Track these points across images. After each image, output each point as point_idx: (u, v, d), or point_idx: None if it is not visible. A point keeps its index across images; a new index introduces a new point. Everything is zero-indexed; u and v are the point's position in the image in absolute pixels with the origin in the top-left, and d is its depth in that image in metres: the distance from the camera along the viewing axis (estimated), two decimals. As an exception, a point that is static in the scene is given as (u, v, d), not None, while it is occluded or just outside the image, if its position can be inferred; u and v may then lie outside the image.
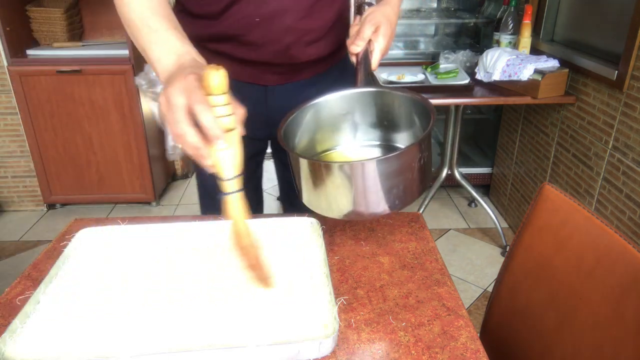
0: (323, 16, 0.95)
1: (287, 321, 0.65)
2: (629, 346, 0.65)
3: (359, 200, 0.72)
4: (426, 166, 0.75)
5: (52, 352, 0.61)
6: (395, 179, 0.71)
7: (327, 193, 0.74)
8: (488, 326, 0.97)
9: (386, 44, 0.85)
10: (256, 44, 0.93)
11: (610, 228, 0.71)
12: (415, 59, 2.53)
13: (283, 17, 0.90)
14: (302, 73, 1.02)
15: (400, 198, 0.73)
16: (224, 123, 0.61)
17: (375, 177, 0.70)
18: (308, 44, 0.95)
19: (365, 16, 0.86)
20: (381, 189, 0.71)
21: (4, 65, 2.24)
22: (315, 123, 0.87)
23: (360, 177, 0.70)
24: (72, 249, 0.81)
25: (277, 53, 0.94)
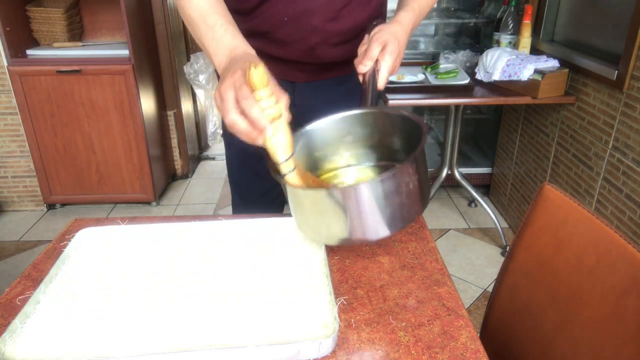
0: (352, 19, 0.95)
1: (287, 321, 0.65)
2: (629, 346, 0.65)
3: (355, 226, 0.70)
4: (422, 185, 0.73)
5: (52, 352, 0.61)
6: (390, 200, 0.69)
7: (319, 220, 0.72)
8: (488, 326, 0.97)
9: (394, 63, 0.84)
10: (284, 41, 0.95)
11: (610, 228, 0.71)
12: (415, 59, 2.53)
13: (310, 18, 0.91)
14: (329, 72, 1.03)
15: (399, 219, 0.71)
16: (269, 113, 0.68)
17: (370, 200, 0.68)
18: (334, 45, 0.96)
19: (372, 35, 0.86)
20: (377, 212, 0.69)
21: (4, 65, 2.24)
22: (308, 149, 0.86)
23: (354, 201, 0.68)
24: (72, 249, 0.81)
25: (303, 52, 0.96)
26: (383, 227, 0.71)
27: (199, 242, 0.84)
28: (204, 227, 0.87)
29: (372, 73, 0.84)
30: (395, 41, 0.84)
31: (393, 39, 0.84)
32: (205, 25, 0.80)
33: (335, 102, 1.05)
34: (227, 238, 0.85)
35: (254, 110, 0.66)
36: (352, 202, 0.68)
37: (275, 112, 0.68)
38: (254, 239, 0.85)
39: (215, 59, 0.79)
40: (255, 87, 0.67)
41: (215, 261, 0.79)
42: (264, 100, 0.67)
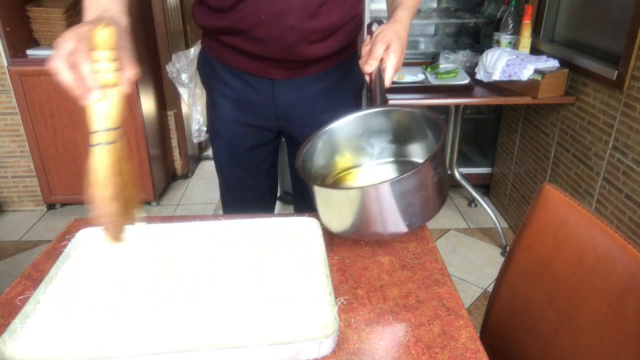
0: (329, 18, 0.97)
1: (287, 321, 0.65)
2: (629, 346, 0.65)
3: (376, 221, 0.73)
4: (442, 182, 0.75)
5: (52, 352, 0.61)
6: (411, 198, 0.72)
7: (346, 217, 0.75)
8: (488, 326, 0.97)
9: (398, 61, 0.86)
10: (262, 39, 0.96)
11: (610, 228, 0.71)
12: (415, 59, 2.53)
13: (287, 17, 0.93)
14: (308, 69, 1.05)
15: (418, 216, 0.74)
16: (103, 77, 0.63)
17: (391, 199, 0.71)
18: (312, 43, 0.98)
19: (376, 35, 0.88)
20: (397, 209, 0.72)
21: (4, 65, 2.24)
22: (331, 147, 0.89)
23: (375, 200, 0.71)
24: (72, 249, 0.81)
25: (282, 50, 0.97)
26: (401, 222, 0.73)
27: (199, 242, 0.84)
28: (204, 227, 0.87)
29: (378, 72, 0.86)
30: (398, 40, 0.86)
31: (396, 38, 0.86)
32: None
33: (315, 98, 1.08)
34: (227, 238, 0.85)
35: (85, 66, 0.62)
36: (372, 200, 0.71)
37: (110, 78, 0.63)
38: (254, 239, 0.85)
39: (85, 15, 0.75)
40: (97, 47, 0.62)
41: (215, 261, 0.79)
42: (101, 62, 0.63)
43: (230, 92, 1.09)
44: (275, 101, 1.07)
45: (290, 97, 1.07)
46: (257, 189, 1.24)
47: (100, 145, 0.64)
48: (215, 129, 1.16)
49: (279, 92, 1.07)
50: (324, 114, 0.92)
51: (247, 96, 1.08)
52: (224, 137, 1.14)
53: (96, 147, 0.64)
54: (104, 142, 0.65)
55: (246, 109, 1.10)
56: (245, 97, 1.08)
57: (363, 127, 0.89)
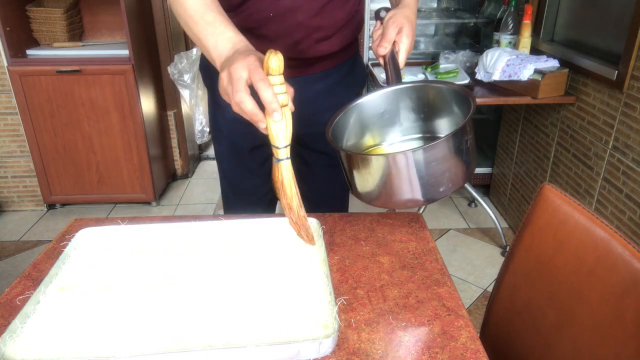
0: (334, 16, 0.98)
1: (287, 321, 0.65)
2: (629, 346, 0.65)
3: (405, 189, 0.76)
4: (471, 150, 0.79)
5: (52, 352, 0.61)
6: (441, 166, 0.75)
7: (374, 184, 0.79)
8: (488, 326, 0.97)
9: (410, 44, 0.90)
10: (269, 37, 0.98)
11: (610, 228, 0.71)
12: (415, 59, 2.53)
13: (295, 14, 0.95)
14: (313, 67, 1.06)
15: (452, 181, 0.77)
16: (280, 99, 0.71)
17: (421, 166, 0.74)
18: (317, 41, 1.00)
19: (387, 19, 0.91)
20: (427, 176, 0.75)
21: (4, 65, 2.24)
22: (359, 122, 0.92)
23: (405, 166, 0.74)
24: (72, 249, 0.81)
25: (288, 47, 0.99)
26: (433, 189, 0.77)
27: (199, 242, 0.84)
28: (204, 227, 0.87)
29: (391, 55, 0.90)
30: (409, 24, 0.90)
31: (407, 22, 0.90)
32: (204, 22, 0.83)
33: (318, 96, 1.09)
34: (227, 238, 0.85)
35: (269, 92, 0.69)
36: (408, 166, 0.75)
37: (284, 99, 0.72)
38: (254, 239, 0.85)
39: (215, 52, 0.81)
40: (272, 73, 0.70)
41: (215, 261, 0.79)
42: (277, 86, 0.71)
43: None
44: None
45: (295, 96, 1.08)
46: (259, 189, 1.24)
47: (286, 160, 0.76)
48: (218, 129, 1.16)
49: None
50: (327, 112, 0.93)
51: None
52: (227, 137, 1.15)
53: (283, 161, 0.76)
54: (287, 157, 0.76)
55: None
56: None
57: (391, 104, 0.92)
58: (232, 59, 0.75)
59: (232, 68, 0.71)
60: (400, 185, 0.76)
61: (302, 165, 1.21)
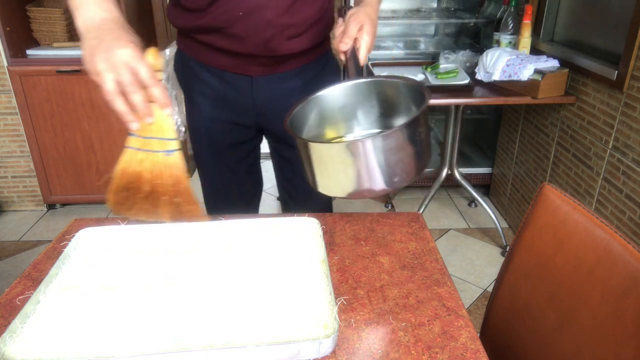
0: (303, 13, 0.99)
1: (287, 321, 0.65)
2: (629, 346, 0.65)
3: (361, 178, 0.75)
4: (425, 142, 0.78)
5: (52, 352, 0.61)
6: (396, 155, 0.74)
7: (330, 172, 0.77)
8: (488, 326, 0.97)
9: (371, 41, 0.91)
10: (239, 36, 0.98)
11: (610, 228, 0.71)
12: (415, 59, 2.53)
13: (264, 12, 0.95)
14: (285, 65, 1.07)
15: (402, 174, 0.76)
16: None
17: (377, 154, 0.73)
18: (288, 38, 1.00)
19: (348, 16, 0.92)
20: (383, 165, 0.74)
21: (4, 65, 2.24)
22: (320, 115, 0.91)
23: (362, 154, 0.73)
24: (72, 249, 0.81)
25: (259, 46, 1.00)
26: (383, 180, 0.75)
27: (198, 242, 0.84)
28: (204, 227, 0.87)
29: (352, 52, 0.90)
30: (370, 21, 0.91)
31: (368, 20, 0.90)
32: None
33: (292, 94, 1.09)
34: (227, 238, 0.85)
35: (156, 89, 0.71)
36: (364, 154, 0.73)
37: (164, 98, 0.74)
38: (254, 239, 0.85)
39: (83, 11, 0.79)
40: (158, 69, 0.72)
41: (216, 261, 0.79)
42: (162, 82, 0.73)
43: (209, 90, 1.10)
44: (253, 98, 1.09)
45: (268, 94, 1.09)
46: (240, 186, 1.25)
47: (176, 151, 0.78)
48: (195, 128, 1.17)
49: (257, 89, 1.08)
50: None
51: (225, 94, 1.10)
52: (205, 136, 1.16)
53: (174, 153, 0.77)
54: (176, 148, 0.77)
55: (225, 106, 1.11)
56: (224, 95, 1.10)
57: (351, 98, 0.91)
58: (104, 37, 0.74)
59: (116, 54, 0.71)
60: (352, 174, 0.75)
61: (283, 162, 1.22)
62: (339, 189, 0.78)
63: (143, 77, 0.71)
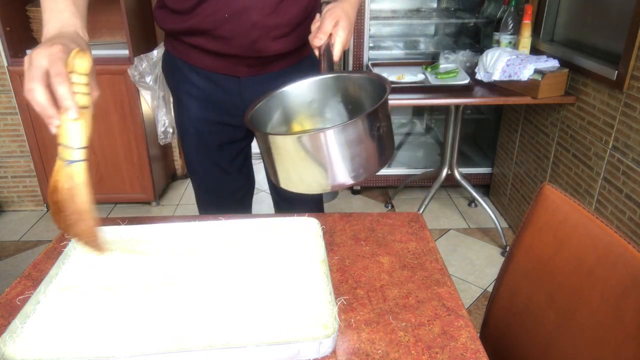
0: (288, 13, 0.99)
1: (287, 321, 0.65)
2: (629, 346, 0.65)
3: (320, 171, 0.73)
4: (385, 136, 0.77)
5: (52, 352, 0.61)
6: (354, 148, 0.73)
7: (288, 166, 0.76)
8: (488, 326, 0.97)
9: (346, 37, 0.90)
10: (226, 37, 0.99)
11: (610, 228, 0.71)
12: (415, 59, 2.53)
13: (250, 14, 0.96)
14: (272, 66, 1.07)
15: (360, 168, 0.74)
16: (78, 99, 0.66)
17: (336, 146, 0.71)
18: (274, 39, 1.01)
19: (325, 12, 0.91)
20: (343, 157, 0.72)
21: (4, 65, 2.24)
22: (285, 111, 0.90)
23: (320, 147, 0.71)
24: (72, 249, 0.81)
25: (245, 47, 1.00)
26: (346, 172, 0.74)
27: (198, 242, 0.84)
28: (204, 227, 0.87)
29: (327, 47, 0.89)
30: (346, 17, 0.89)
31: (344, 16, 0.89)
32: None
33: None
34: (227, 238, 0.85)
35: (63, 88, 0.65)
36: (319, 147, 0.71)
37: (83, 101, 0.67)
38: (253, 238, 0.85)
39: (44, 29, 0.76)
40: (75, 71, 0.66)
41: (216, 261, 0.79)
42: (77, 86, 0.66)
43: (197, 91, 1.11)
44: (242, 98, 1.10)
45: (256, 94, 1.08)
46: (231, 185, 1.25)
47: (78, 162, 0.69)
48: (184, 129, 1.17)
49: (244, 90, 1.09)
50: None
51: (213, 94, 1.10)
52: (194, 137, 1.16)
53: (75, 164, 0.69)
54: (80, 159, 0.69)
55: (214, 107, 1.12)
56: (212, 96, 1.10)
57: (318, 94, 0.90)
58: (44, 43, 0.70)
59: (34, 53, 0.66)
60: (310, 168, 0.74)
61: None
62: (299, 184, 0.77)
63: (51, 74, 0.65)
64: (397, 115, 3.18)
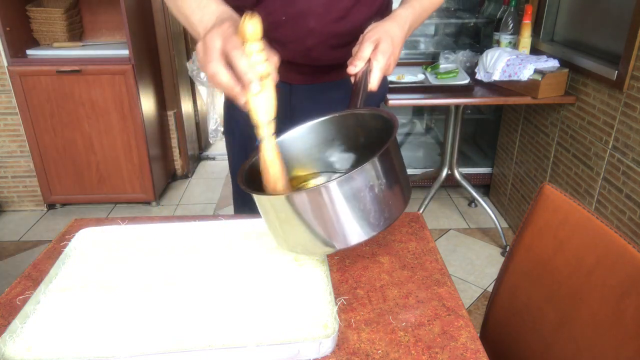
0: (352, 22, 0.91)
1: (287, 321, 0.65)
2: (629, 346, 0.65)
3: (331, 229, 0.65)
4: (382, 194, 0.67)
5: (52, 352, 0.61)
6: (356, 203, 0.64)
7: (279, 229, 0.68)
8: (488, 326, 0.97)
9: (387, 62, 0.80)
10: (281, 41, 0.92)
11: (610, 228, 0.71)
12: (415, 59, 2.53)
13: (307, 19, 0.89)
14: (327, 76, 1.00)
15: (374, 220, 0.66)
16: (258, 70, 0.64)
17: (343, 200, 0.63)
18: (332, 48, 0.93)
19: (365, 33, 0.82)
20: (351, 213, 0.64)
21: (4, 65, 2.24)
22: (286, 161, 0.78)
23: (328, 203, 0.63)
24: (72, 249, 0.81)
25: (300, 53, 0.94)
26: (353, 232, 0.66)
27: (199, 242, 0.84)
28: (204, 227, 0.87)
29: (365, 74, 0.78)
30: (388, 39, 0.80)
31: (386, 37, 0.80)
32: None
33: (332, 105, 1.00)
34: (227, 238, 0.85)
35: (242, 62, 0.62)
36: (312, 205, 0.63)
37: (264, 69, 0.65)
38: (254, 238, 0.85)
39: (201, 25, 0.75)
40: (247, 39, 0.63)
41: (215, 261, 0.79)
42: (254, 55, 0.63)
43: None
44: (292, 106, 1.04)
45: (307, 103, 1.03)
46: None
47: (269, 138, 0.68)
48: (230, 129, 1.14)
49: (295, 97, 1.03)
50: None
51: None
52: (239, 138, 1.12)
53: (266, 140, 0.68)
54: (269, 134, 0.68)
55: None
56: None
57: (317, 137, 0.82)
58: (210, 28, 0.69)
59: (207, 37, 0.65)
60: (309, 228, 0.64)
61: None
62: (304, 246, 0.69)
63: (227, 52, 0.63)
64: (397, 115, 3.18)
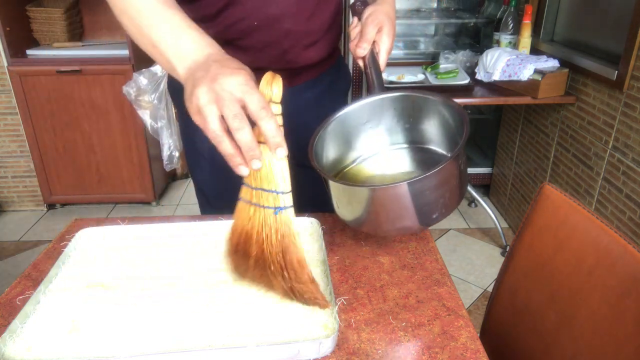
0: (320, 17, 0.92)
1: (287, 321, 0.65)
2: (628, 346, 0.65)
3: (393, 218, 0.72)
4: (463, 174, 0.76)
5: (52, 352, 0.61)
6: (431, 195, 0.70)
7: (365, 213, 0.74)
8: (488, 326, 0.97)
9: (390, 43, 0.85)
10: (253, 48, 0.90)
11: (610, 228, 0.71)
12: (415, 59, 2.53)
13: (282, 21, 0.87)
14: (299, 77, 1.00)
15: (446, 206, 0.73)
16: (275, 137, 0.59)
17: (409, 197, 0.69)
18: (306, 47, 0.93)
19: (366, 17, 0.85)
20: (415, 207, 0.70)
21: (4, 65, 2.24)
22: (340, 135, 0.85)
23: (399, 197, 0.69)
24: (72, 249, 0.81)
25: (274, 58, 0.92)
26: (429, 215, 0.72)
27: (199, 242, 0.84)
28: (204, 227, 0.87)
29: (372, 56, 0.83)
30: (389, 22, 0.84)
31: (388, 20, 0.84)
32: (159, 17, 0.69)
33: (307, 107, 1.01)
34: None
35: (272, 123, 0.57)
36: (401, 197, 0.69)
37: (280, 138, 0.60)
38: (254, 239, 0.85)
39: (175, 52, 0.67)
40: (274, 100, 0.59)
41: (215, 261, 0.79)
42: (278, 117, 0.59)
43: None
44: None
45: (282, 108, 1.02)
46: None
47: (289, 208, 0.63)
48: (197, 154, 1.04)
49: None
50: (316, 123, 0.85)
51: None
52: (210, 161, 1.03)
53: (289, 209, 0.63)
54: (290, 204, 0.63)
55: None
56: None
57: (375, 113, 0.86)
58: (210, 68, 0.61)
59: (221, 82, 0.58)
60: (389, 215, 0.72)
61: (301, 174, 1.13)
62: (371, 227, 0.76)
63: (252, 108, 0.57)
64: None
